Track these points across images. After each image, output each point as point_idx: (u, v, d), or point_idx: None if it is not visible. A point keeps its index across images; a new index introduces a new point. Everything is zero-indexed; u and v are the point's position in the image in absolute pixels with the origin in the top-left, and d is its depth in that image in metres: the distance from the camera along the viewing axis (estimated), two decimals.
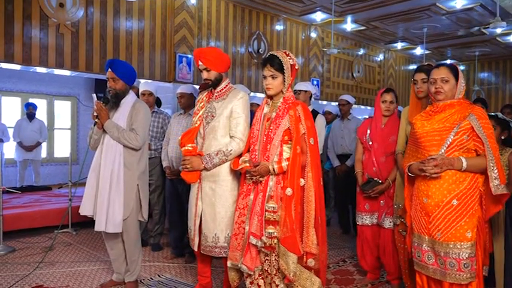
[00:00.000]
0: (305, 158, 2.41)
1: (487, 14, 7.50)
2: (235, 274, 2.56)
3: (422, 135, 2.28)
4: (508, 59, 11.35)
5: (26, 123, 6.93)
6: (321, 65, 8.90)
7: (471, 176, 2.19)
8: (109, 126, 2.86)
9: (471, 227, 2.15)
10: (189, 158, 2.65)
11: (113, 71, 2.89)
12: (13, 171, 7.36)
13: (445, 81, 2.25)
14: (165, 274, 3.48)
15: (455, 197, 2.17)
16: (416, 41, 9.86)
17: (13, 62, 4.95)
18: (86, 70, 5.56)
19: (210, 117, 2.70)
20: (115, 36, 5.80)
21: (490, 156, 2.13)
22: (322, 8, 7.52)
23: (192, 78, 6.51)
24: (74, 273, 3.46)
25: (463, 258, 2.12)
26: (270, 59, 2.47)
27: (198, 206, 2.71)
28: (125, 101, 2.98)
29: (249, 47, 7.51)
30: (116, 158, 2.86)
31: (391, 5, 7.27)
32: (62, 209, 4.86)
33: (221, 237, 2.64)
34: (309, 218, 2.37)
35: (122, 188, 2.85)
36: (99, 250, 4.13)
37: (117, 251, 3.06)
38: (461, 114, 2.20)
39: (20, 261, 3.76)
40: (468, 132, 2.18)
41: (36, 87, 7.92)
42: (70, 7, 5.33)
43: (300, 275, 2.37)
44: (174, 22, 6.32)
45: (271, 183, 2.42)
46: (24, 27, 4.98)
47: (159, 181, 4.15)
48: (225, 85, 2.76)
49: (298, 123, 2.42)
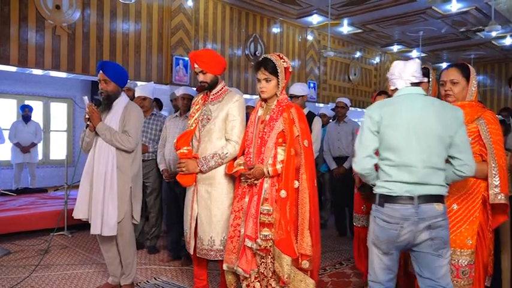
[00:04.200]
0: (299, 160, 2.41)
1: (482, 17, 7.55)
2: (233, 277, 2.56)
3: None
4: (503, 62, 11.44)
5: (21, 125, 6.90)
6: (317, 67, 8.93)
7: (473, 180, 2.13)
8: (101, 129, 2.84)
9: (471, 234, 2.10)
10: (185, 161, 2.65)
11: (105, 72, 2.88)
12: (9, 174, 7.32)
13: (455, 83, 2.19)
14: (161, 277, 3.47)
15: (455, 201, 2.13)
16: (413, 44, 9.92)
17: (9, 63, 4.95)
18: (82, 72, 5.56)
19: (205, 119, 2.70)
20: (111, 38, 5.80)
21: (493, 163, 2.07)
22: (318, 11, 7.56)
23: (189, 80, 6.51)
24: (69, 276, 3.44)
25: (462, 265, 2.09)
26: (263, 62, 2.47)
27: (194, 209, 2.71)
28: (117, 103, 2.97)
29: (246, 50, 7.53)
30: (109, 161, 2.85)
31: (387, 8, 7.32)
32: (57, 211, 4.84)
33: (217, 240, 2.64)
34: (304, 219, 2.37)
35: (116, 191, 2.84)
36: (95, 253, 4.11)
37: (112, 254, 3.05)
38: (470, 117, 2.13)
39: (15, 264, 3.74)
40: (474, 135, 2.12)
41: (32, 89, 7.89)
42: (66, 9, 5.33)
43: (295, 276, 2.37)
44: (171, 24, 6.33)
45: (266, 186, 2.43)
46: (21, 29, 4.97)
47: (155, 184, 4.14)
48: (220, 88, 2.76)
49: (292, 126, 2.42)
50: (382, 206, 1.94)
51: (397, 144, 1.92)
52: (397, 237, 1.91)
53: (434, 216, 1.89)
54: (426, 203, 1.88)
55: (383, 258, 1.98)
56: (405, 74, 2.00)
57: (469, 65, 2.27)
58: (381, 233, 1.95)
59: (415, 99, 1.96)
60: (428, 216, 1.88)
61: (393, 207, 1.91)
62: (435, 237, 1.89)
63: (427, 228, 1.88)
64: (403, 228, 1.89)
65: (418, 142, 1.89)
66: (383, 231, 1.94)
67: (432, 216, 1.88)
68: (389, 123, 1.93)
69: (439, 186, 1.92)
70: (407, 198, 1.89)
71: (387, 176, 1.95)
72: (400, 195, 1.90)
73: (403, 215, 1.89)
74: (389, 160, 1.94)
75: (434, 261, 1.92)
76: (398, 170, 1.91)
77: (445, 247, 1.92)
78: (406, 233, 1.89)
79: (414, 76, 1.99)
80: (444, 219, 1.92)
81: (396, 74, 2.04)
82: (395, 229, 1.90)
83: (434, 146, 1.90)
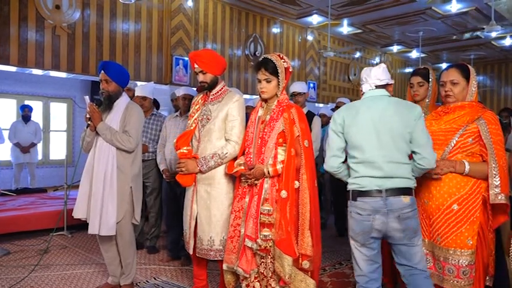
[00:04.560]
0: (299, 160, 2.41)
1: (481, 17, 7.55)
2: (231, 277, 2.56)
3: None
4: (503, 62, 11.44)
5: (21, 126, 6.90)
6: (317, 67, 8.93)
7: (473, 181, 2.13)
8: (102, 129, 2.84)
9: (472, 234, 2.10)
10: (184, 161, 2.65)
11: (106, 72, 2.88)
12: (8, 174, 7.33)
13: (454, 83, 2.19)
14: (161, 277, 3.47)
15: (456, 201, 2.12)
16: (412, 44, 9.92)
17: (9, 63, 4.94)
18: (82, 72, 5.56)
19: (205, 119, 2.70)
20: (111, 38, 5.80)
21: (493, 163, 2.07)
22: (318, 11, 7.56)
23: (189, 80, 6.51)
24: (69, 276, 3.44)
25: (463, 266, 2.08)
26: (264, 63, 2.47)
27: (193, 209, 2.71)
28: (118, 103, 2.97)
29: (246, 50, 7.53)
30: (109, 161, 2.85)
31: (387, 9, 7.32)
32: (57, 211, 4.84)
33: (216, 240, 2.64)
34: (304, 220, 2.37)
35: (115, 191, 2.84)
36: (95, 253, 4.11)
37: (112, 254, 3.05)
38: (470, 117, 2.14)
39: (15, 264, 3.73)
40: (474, 135, 2.12)
41: (32, 89, 7.89)
42: (66, 9, 5.33)
43: (295, 277, 2.37)
44: (171, 24, 6.33)
45: (266, 186, 2.43)
46: (20, 29, 4.97)
47: (155, 183, 4.14)
48: (220, 88, 2.76)
49: (293, 126, 2.42)
50: (355, 200, 2.11)
51: (360, 142, 2.10)
52: (370, 228, 2.07)
53: (401, 207, 2.03)
54: (393, 196, 2.04)
55: (362, 250, 2.12)
56: (370, 78, 2.20)
57: (469, 66, 2.27)
58: (356, 226, 2.11)
59: (378, 100, 2.14)
60: (396, 208, 2.03)
61: (364, 201, 2.08)
62: (405, 228, 2.04)
63: (396, 218, 2.04)
64: (375, 219, 2.05)
65: (379, 139, 2.06)
66: (358, 224, 2.10)
67: (399, 208, 2.03)
68: (351, 123, 2.12)
69: (405, 180, 2.06)
70: (377, 192, 2.06)
71: (356, 172, 2.13)
72: (370, 190, 2.07)
73: (373, 207, 2.05)
74: (355, 158, 2.12)
75: (409, 250, 2.09)
76: (364, 166, 2.09)
77: (415, 235, 2.08)
78: (378, 223, 2.05)
79: (378, 79, 2.18)
80: (412, 210, 2.06)
81: (363, 79, 2.24)
82: (368, 220, 2.07)
83: (396, 142, 2.06)
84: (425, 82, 2.83)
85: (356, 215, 2.10)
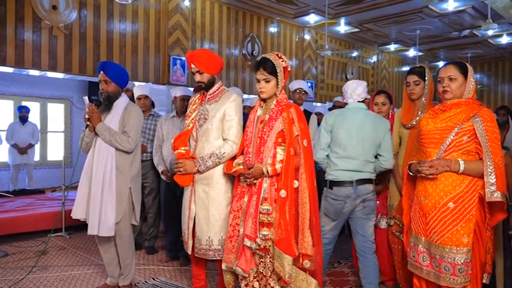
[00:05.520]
0: (299, 160, 2.41)
1: (478, 16, 7.57)
2: (231, 277, 2.56)
3: (424, 134, 2.24)
4: (500, 60, 11.47)
5: (18, 127, 6.89)
6: (314, 66, 8.93)
7: (469, 179, 2.12)
8: (101, 129, 2.84)
9: (467, 232, 2.09)
10: (182, 161, 2.65)
11: (105, 73, 2.88)
12: (6, 175, 7.31)
13: (452, 79, 2.18)
14: (159, 277, 3.47)
15: (451, 199, 2.11)
16: (409, 43, 9.93)
17: (5, 64, 4.92)
18: (79, 73, 5.54)
19: (202, 119, 2.70)
20: (108, 38, 5.78)
21: (489, 161, 2.05)
22: (315, 10, 7.56)
23: (186, 80, 6.50)
24: (67, 278, 3.43)
25: (458, 263, 2.07)
26: (262, 62, 2.46)
27: (192, 209, 2.70)
28: (117, 103, 2.97)
29: (243, 49, 7.53)
30: (108, 161, 2.85)
31: (384, 7, 7.32)
32: (55, 212, 4.83)
33: (215, 240, 2.64)
34: (304, 219, 2.38)
35: (114, 191, 2.84)
36: (93, 254, 4.11)
37: (111, 255, 3.04)
38: (466, 115, 2.12)
39: (13, 266, 3.73)
40: (469, 133, 2.11)
41: (29, 90, 7.88)
42: (63, 9, 5.31)
43: (296, 276, 2.37)
44: (168, 24, 6.31)
45: (265, 186, 2.43)
46: (17, 30, 4.95)
47: (154, 184, 4.13)
48: (217, 87, 2.76)
49: (292, 125, 2.42)
50: (331, 188, 2.78)
51: (343, 142, 2.75)
52: (341, 210, 2.77)
53: (366, 193, 2.76)
54: (361, 185, 2.73)
55: (331, 223, 2.84)
56: (354, 94, 2.85)
57: (467, 64, 2.27)
58: (330, 207, 2.80)
59: (359, 111, 2.83)
60: (363, 193, 2.74)
61: (339, 189, 2.75)
62: (366, 206, 2.78)
63: (362, 201, 2.75)
64: (346, 203, 2.74)
65: (357, 142, 2.73)
66: (332, 206, 2.79)
67: (365, 193, 2.75)
68: (339, 126, 2.78)
69: (369, 173, 2.79)
70: (349, 182, 2.73)
71: (335, 165, 2.77)
72: (344, 180, 2.73)
73: (345, 194, 2.73)
74: (337, 153, 2.77)
75: (364, 223, 2.82)
76: (343, 161, 2.75)
77: (372, 213, 2.83)
78: (347, 206, 2.75)
79: (360, 96, 2.86)
80: (373, 195, 2.82)
81: (349, 93, 2.88)
82: (340, 204, 2.75)
83: (368, 146, 2.75)
84: (421, 81, 2.83)
85: (331, 200, 2.77)
